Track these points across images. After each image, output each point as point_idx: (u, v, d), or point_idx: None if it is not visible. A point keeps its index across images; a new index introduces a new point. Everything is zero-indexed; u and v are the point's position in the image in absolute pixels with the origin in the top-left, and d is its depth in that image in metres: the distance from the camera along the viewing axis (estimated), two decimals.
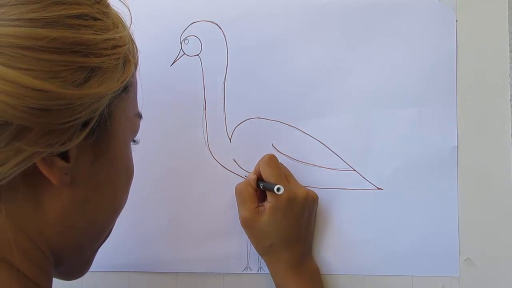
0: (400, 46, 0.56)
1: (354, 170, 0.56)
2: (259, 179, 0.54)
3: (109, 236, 0.45)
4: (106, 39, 0.35)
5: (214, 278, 0.57)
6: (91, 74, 0.34)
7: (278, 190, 0.48)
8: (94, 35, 0.34)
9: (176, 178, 0.57)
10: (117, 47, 0.36)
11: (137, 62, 0.42)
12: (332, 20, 0.57)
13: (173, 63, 0.58)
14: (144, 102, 0.46)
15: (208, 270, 0.57)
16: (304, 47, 0.57)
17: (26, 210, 0.35)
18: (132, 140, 0.44)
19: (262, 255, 0.54)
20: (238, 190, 0.54)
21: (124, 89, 0.38)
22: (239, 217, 0.53)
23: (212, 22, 0.58)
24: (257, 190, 0.54)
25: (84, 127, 0.34)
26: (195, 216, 0.57)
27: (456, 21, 0.56)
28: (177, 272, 0.57)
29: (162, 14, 0.58)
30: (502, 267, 0.54)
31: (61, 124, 0.32)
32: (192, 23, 0.58)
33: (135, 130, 0.44)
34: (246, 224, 0.53)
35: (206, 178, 0.57)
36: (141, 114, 0.44)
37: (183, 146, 0.58)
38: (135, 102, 0.43)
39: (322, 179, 0.56)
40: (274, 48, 0.57)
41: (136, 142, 0.44)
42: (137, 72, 0.42)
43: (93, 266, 0.45)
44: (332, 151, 0.57)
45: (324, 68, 0.57)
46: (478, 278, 0.55)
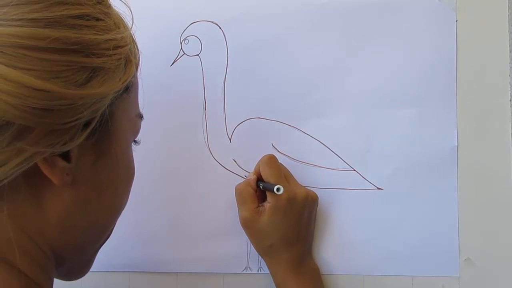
0: (400, 46, 0.56)
1: (354, 170, 0.56)
2: (259, 179, 0.54)
3: (110, 236, 0.45)
4: (107, 40, 0.35)
5: (214, 278, 0.57)
6: (93, 74, 0.34)
7: (278, 190, 0.48)
8: (96, 36, 0.34)
9: (176, 178, 0.57)
10: (118, 48, 0.36)
11: (138, 62, 0.42)
12: (332, 20, 0.57)
13: (173, 63, 0.58)
14: (144, 102, 0.46)
15: (208, 270, 0.57)
16: (304, 47, 0.57)
17: (27, 210, 0.35)
18: (133, 140, 0.44)
19: (262, 255, 0.54)
20: (238, 190, 0.54)
21: (125, 89, 0.38)
22: (239, 217, 0.53)
23: (212, 22, 0.57)
24: (257, 190, 0.54)
25: (85, 127, 0.34)
26: (195, 216, 0.57)
27: (456, 21, 0.56)
28: (177, 272, 0.57)
29: (162, 14, 0.58)
30: (502, 267, 0.54)
31: (62, 124, 0.32)
32: (192, 23, 0.58)
33: (136, 131, 0.44)
34: (246, 224, 0.53)
35: (206, 178, 0.57)
36: (142, 114, 0.44)
37: (183, 146, 0.58)
38: (136, 103, 0.43)
39: (322, 179, 0.56)
40: (274, 48, 0.57)
41: (137, 143, 0.44)
42: (138, 72, 0.42)
43: (93, 266, 0.45)
44: (332, 151, 0.57)
45: (324, 68, 0.57)
46: (478, 278, 0.55)
